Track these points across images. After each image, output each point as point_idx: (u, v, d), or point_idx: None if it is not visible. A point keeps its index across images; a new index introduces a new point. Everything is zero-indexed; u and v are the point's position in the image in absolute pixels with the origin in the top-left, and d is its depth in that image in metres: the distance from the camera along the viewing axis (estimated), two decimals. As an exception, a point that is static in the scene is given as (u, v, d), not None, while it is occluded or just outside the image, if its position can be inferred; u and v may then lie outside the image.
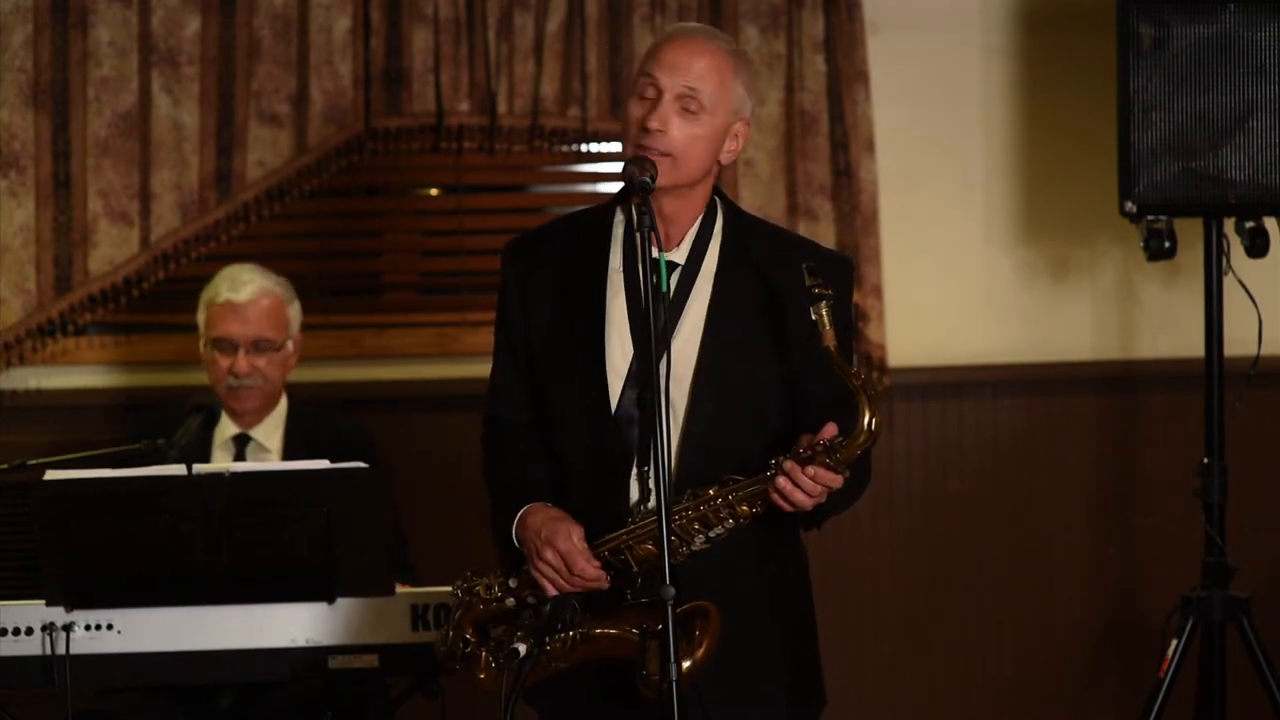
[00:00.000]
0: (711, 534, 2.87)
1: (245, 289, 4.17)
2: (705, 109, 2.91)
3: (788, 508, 2.84)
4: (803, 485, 2.80)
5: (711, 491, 2.87)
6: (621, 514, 2.92)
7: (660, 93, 2.91)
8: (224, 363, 4.14)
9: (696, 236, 2.99)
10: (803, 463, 2.80)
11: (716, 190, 3.04)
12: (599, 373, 2.96)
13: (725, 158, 2.98)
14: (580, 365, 2.97)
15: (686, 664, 2.77)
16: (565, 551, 2.88)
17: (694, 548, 2.88)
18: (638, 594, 2.89)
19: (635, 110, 2.93)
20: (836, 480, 2.81)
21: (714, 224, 3.02)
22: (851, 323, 3.15)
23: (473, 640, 2.96)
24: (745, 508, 2.86)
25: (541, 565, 2.90)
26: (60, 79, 4.68)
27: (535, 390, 3.04)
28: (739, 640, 2.90)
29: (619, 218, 3.03)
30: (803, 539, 3.09)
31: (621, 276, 2.99)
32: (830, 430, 2.80)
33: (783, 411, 2.96)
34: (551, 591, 2.90)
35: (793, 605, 3.06)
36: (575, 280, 3.01)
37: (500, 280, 3.07)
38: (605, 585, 2.89)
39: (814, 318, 2.80)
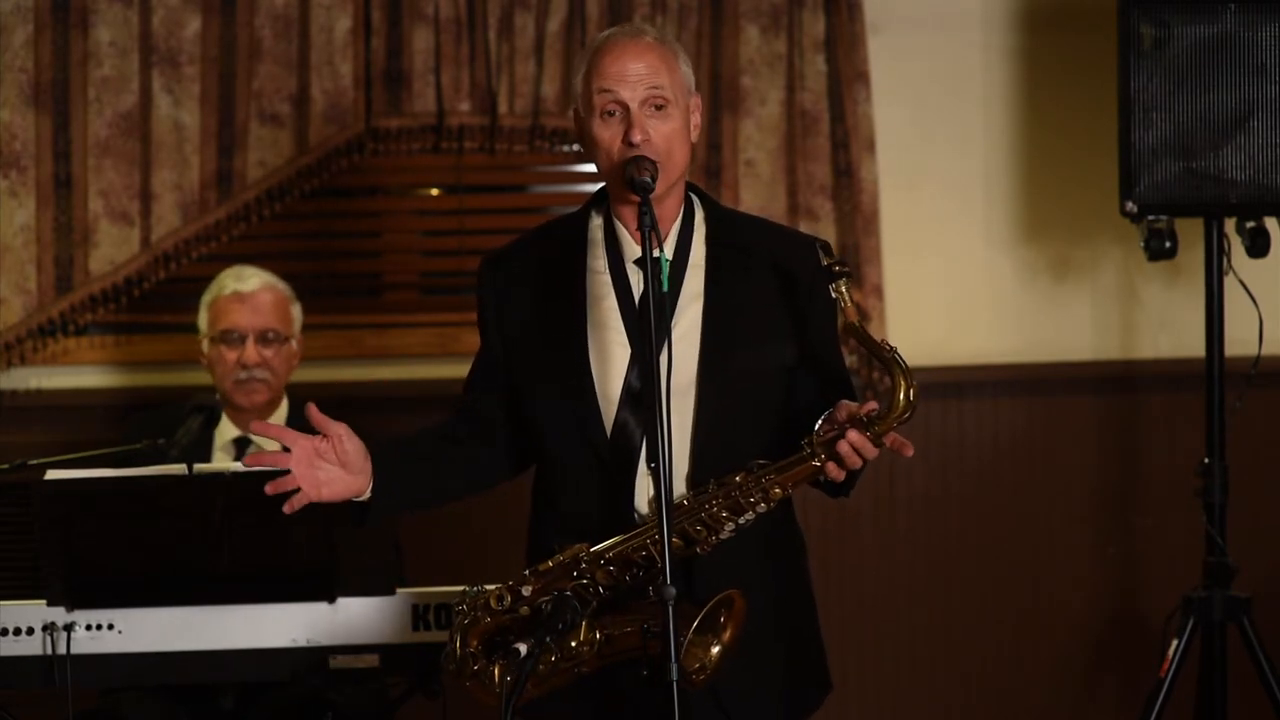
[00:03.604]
0: (741, 520, 2.88)
1: (251, 280, 4.21)
2: (671, 100, 2.94)
3: (840, 474, 2.84)
4: (864, 452, 2.82)
5: (739, 478, 2.88)
6: (631, 514, 2.93)
7: (624, 106, 2.93)
8: (231, 355, 4.14)
9: (680, 230, 3.01)
10: (861, 429, 2.82)
11: (689, 184, 3.06)
12: (592, 377, 2.97)
13: (693, 135, 3.01)
14: (572, 372, 2.98)
15: (715, 650, 2.80)
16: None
17: (721, 536, 2.89)
18: (658, 590, 2.89)
19: (604, 131, 2.94)
20: (873, 452, 2.83)
21: (694, 216, 3.04)
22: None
23: (481, 656, 2.94)
24: (777, 490, 2.87)
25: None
26: (61, 79, 4.68)
27: (520, 401, 3.05)
28: (751, 626, 2.91)
29: (596, 221, 3.05)
30: (801, 529, 3.11)
31: (608, 279, 3.00)
32: (871, 405, 2.83)
33: (789, 395, 2.98)
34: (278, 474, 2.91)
35: (797, 593, 3.08)
36: (556, 289, 3.02)
37: (477, 297, 3.09)
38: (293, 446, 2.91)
39: (834, 295, 2.85)
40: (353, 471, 2.94)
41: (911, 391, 2.82)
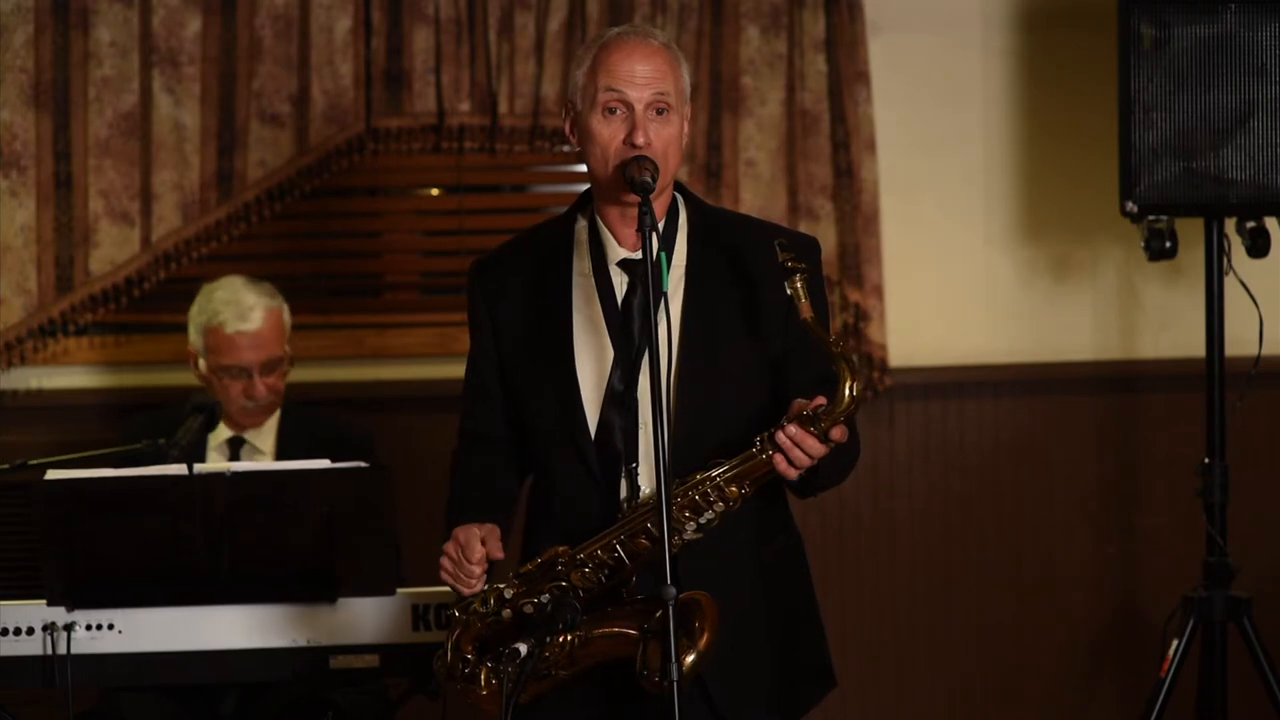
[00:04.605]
0: (702, 520, 2.87)
1: (253, 315, 4.10)
2: (673, 107, 2.96)
3: (790, 471, 2.83)
4: (805, 446, 2.81)
5: (698, 476, 2.88)
6: (617, 514, 2.93)
7: (629, 107, 2.93)
8: (236, 386, 4.09)
9: (663, 231, 3.01)
10: (797, 423, 2.82)
11: (676, 184, 3.06)
12: (577, 379, 2.97)
13: (682, 143, 3.01)
14: (558, 373, 2.98)
15: (690, 658, 2.76)
16: (464, 540, 2.90)
17: (686, 537, 2.88)
18: (633, 591, 2.89)
19: (604, 128, 2.94)
20: (819, 448, 2.82)
21: (678, 216, 3.04)
22: (826, 300, 3.17)
23: (472, 659, 2.94)
24: (734, 488, 2.86)
25: (443, 560, 2.92)
26: (61, 79, 4.68)
27: (513, 404, 3.05)
28: (741, 625, 2.90)
29: (580, 224, 3.05)
30: (796, 523, 3.10)
31: (592, 281, 3.00)
32: (819, 400, 2.83)
33: (769, 394, 2.98)
34: (451, 583, 2.92)
35: (793, 587, 3.08)
36: (544, 292, 3.03)
37: (468, 301, 3.10)
38: (477, 571, 2.91)
39: (789, 291, 2.84)
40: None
41: (855, 387, 2.82)
